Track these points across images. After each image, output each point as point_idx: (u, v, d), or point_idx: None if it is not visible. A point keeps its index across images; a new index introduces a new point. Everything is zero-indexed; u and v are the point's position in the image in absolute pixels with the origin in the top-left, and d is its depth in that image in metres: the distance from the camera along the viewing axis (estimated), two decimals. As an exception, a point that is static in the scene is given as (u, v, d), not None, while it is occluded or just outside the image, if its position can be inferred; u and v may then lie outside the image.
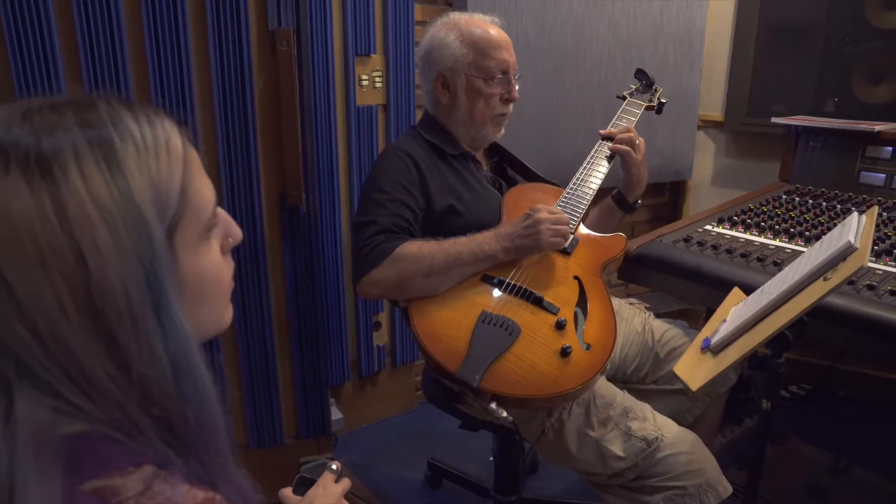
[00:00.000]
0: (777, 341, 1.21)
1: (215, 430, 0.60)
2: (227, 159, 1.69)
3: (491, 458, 1.75)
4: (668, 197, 2.88)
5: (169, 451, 0.55)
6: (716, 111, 2.66)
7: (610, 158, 1.62)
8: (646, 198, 2.82)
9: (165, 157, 0.57)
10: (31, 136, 0.52)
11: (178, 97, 1.60)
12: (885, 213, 1.81)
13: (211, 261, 0.64)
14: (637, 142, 1.59)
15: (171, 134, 0.59)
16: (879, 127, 1.97)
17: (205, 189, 0.63)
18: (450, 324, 1.31)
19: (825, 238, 1.28)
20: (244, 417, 1.92)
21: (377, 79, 2.06)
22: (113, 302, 0.52)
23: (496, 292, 1.37)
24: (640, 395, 1.62)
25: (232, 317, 0.71)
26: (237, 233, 0.69)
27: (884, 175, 1.99)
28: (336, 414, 2.24)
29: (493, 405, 1.22)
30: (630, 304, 1.74)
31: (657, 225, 1.85)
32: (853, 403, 2.51)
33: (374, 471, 2.19)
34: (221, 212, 0.67)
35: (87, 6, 1.47)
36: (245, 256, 1.77)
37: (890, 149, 1.98)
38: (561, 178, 1.70)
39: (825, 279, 1.09)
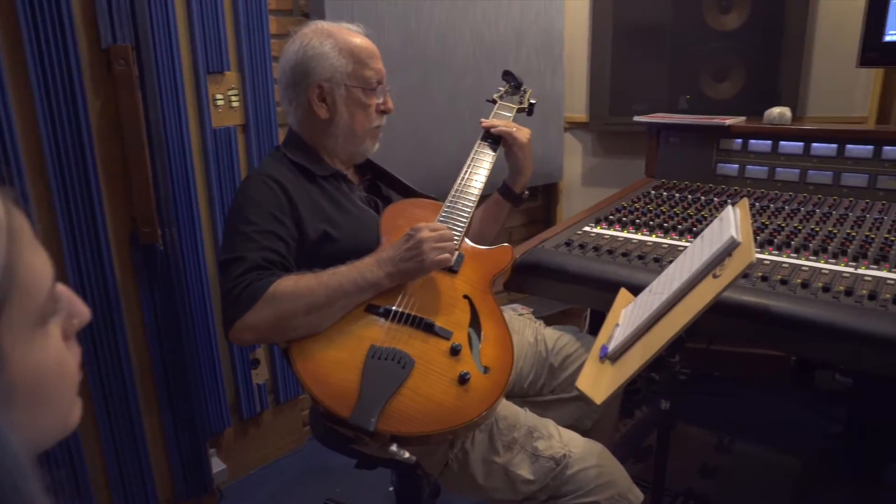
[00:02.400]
0: (673, 341, 1.22)
1: None
2: (64, 199, 1.48)
3: (391, 489, 1.66)
4: (541, 200, 2.92)
5: None
6: (580, 112, 2.72)
7: (493, 147, 1.59)
8: (520, 202, 2.88)
9: None
10: None
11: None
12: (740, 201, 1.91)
13: (50, 352, 0.50)
14: (515, 129, 1.59)
15: None
16: (730, 121, 2.08)
17: (38, 265, 0.49)
18: (337, 364, 1.20)
19: (705, 233, 1.30)
20: (108, 489, 1.69)
21: (233, 98, 1.90)
22: None
23: (384, 323, 1.27)
24: (539, 406, 1.59)
25: (81, 414, 0.57)
26: (83, 312, 0.55)
27: (737, 165, 2.10)
28: (218, 465, 2.05)
29: (394, 447, 1.12)
30: (519, 315, 1.71)
31: (533, 229, 1.85)
32: (729, 381, 2.65)
33: (267, 520, 2.03)
34: (63, 289, 0.53)
35: None
36: (94, 307, 1.56)
37: (740, 141, 2.10)
38: (436, 189, 1.63)
39: (714, 276, 1.10)
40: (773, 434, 2.33)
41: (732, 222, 1.18)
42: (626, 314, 1.32)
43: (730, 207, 1.27)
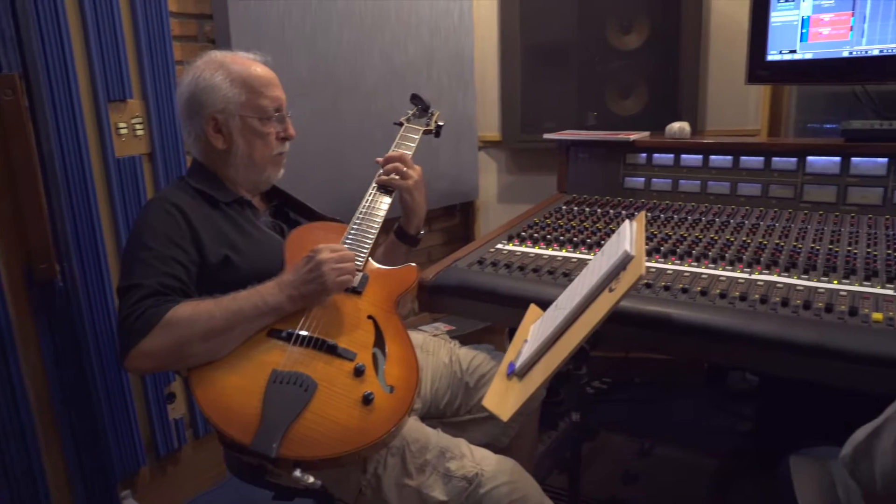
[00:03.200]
0: (576, 355, 1.25)
1: None
2: (-50, 235, 1.41)
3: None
4: (459, 218, 2.96)
5: None
6: (493, 131, 2.78)
7: (388, 194, 1.58)
8: (438, 221, 2.90)
9: None
10: None
11: None
12: (648, 214, 1.99)
13: None
14: (405, 170, 1.57)
15: None
16: (634, 136, 2.17)
17: None
18: (238, 390, 1.19)
19: (605, 247, 1.35)
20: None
21: (137, 126, 1.85)
22: None
23: (286, 346, 1.26)
24: (457, 427, 1.61)
25: None
26: None
27: (643, 179, 2.19)
28: (133, 506, 1.97)
29: (298, 472, 1.11)
30: (434, 335, 1.72)
31: (453, 247, 1.87)
32: (649, 387, 2.74)
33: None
34: None
35: None
36: (-12, 347, 1.49)
37: (644, 155, 2.19)
38: (349, 211, 1.63)
39: (610, 290, 1.14)
40: (691, 436, 2.42)
41: (628, 236, 1.23)
42: (534, 330, 1.34)
43: (627, 222, 1.32)
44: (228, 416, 1.16)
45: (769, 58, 2.03)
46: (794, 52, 1.99)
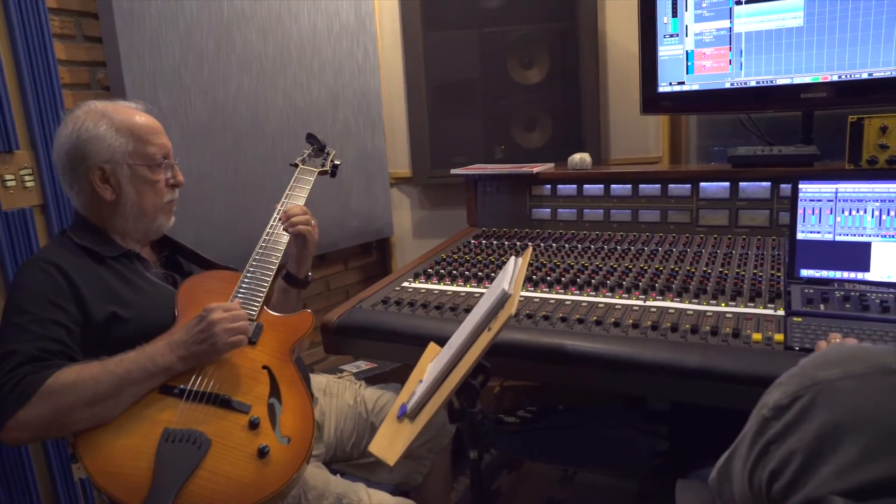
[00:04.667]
0: (466, 393, 1.26)
1: None
2: None
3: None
4: (375, 255, 2.96)
5: None
6: (404, 167, 2.81)
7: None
8: (355, 259, 2.90)
9: None
10: None
11: None
12: (553, 244, 2.04)
13: None
14: (313, 222, 1.57)
15: None
16: (537, 168, 2.23)
17: None
18: (127, 452, 1.16)
19: (492, 284, 1.37)
20: None
21: (27, 177, 1.79)
22: None
23: (178, 403, 1.23)
24: (366, 469, 1.59)
25: None
26: None
27: (549, 209, 2.25)
28: (36, 575, 1.86)
29: None
30: (339, 378, 1.71)
31: (371, 284, 1.87)
32: (572, 412, 2.78)
33: None
34: None
35: None
36: None
37: (549, 186, 2.25)
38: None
39: (489, 329, 1.16)
40: (613, 458, 2.46)
41: (509, 274, 1.26)
42: (430, 370, 1.35)
43: (512, 259, 1.35)
44: (117, 481, 1.13)
45: (660, 89, 2.12)
46: (682, 83, 2.09)
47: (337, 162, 1.76)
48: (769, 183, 1.96)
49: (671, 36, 2.08)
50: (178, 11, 1.97)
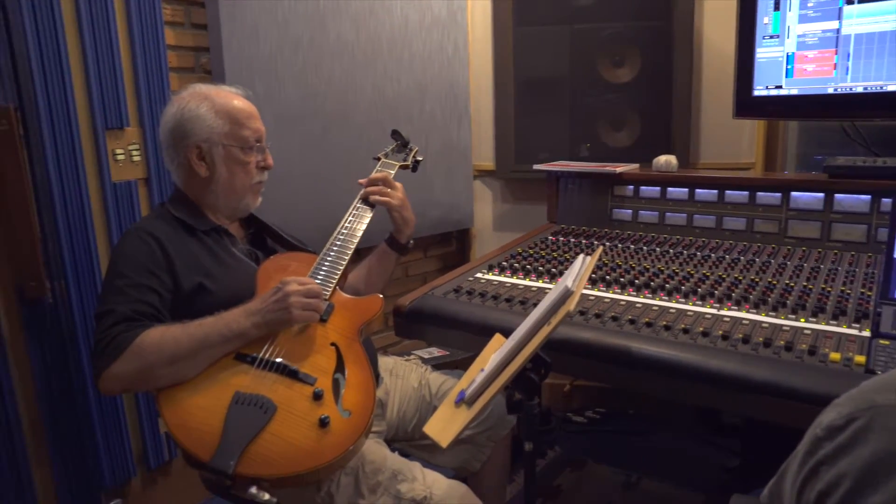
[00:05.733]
0: (524, 385, 1.28)
1: None
2: (-54, 254, 1.50)
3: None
4: (455, 245, 3.00)
5: None
6: (487, 160, 2.83)
7: (371, 208, 1.65)
8: (435, 247, 2.95)
9: None
10: None
11: None
12: (632, 246, 2.01)
13: None
14: (389, 190, 1.64)
15: None
16: (620, 168, 2.19)
17: None
18: (201, 410, 1.25)
19: (560, 280, 1.38)
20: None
21: (134, 152, 1.95)
22: None
23: (250, 370, 1.32)
24: (426, 450, 1.64)
25: None
26: None
27: (630, 210, 2.21)
28: (122, 515, 2.04)
29: (254, 489, 1.16)
30: (406, 360, 1.76)
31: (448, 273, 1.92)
32: (641, 419, 2.73)
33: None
34: None
35: None
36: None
37: (631, 187, 2.21)
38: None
39: (549, 324, 1.17)
40: (680, 470, 2.40)
41: (575, 271, 1.26)
42: (492, 359, 1.38)
43: (581, 256, 1.35)
44: (191, 435, 1.22)
45: (756, 93, 2.04)
46: (780, 87, 2.01)
47: (419, 158, 1.81)
48: (869, 196, 1.85)
49: (771, 37, 1.99)
50: (276, 2, 2.08)
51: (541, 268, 1.84)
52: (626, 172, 2.20)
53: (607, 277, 1.71)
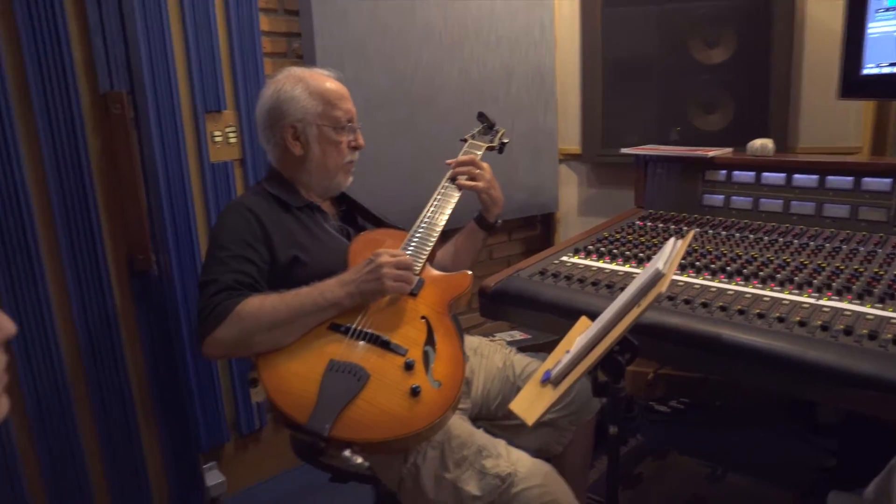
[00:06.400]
0: (611, 367, 1.26)
1: None
2: (67, 229, 1.63)
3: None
4: (539, 229, 2.99)
5: None
6: (574, 144, 2.79)
7: (458, 189, 1.67)
8: (518, 231, 2.95)
9: None
10: None
11: (3, 166, 1.53)
12: (723, 232, 1.94)
13: None
14: (477, 171, 1.65)
15: None
16: (713, 153, 2.12)
17: None
18: (297, 375, 1.30)
19: (648, 265, 1.35)
20: (109, 493, 1.81)
21: (231, 134, 2.04)
22: None
23: (344, 339, 1.36)
24: (508, 431, 1.65)
25: (5, 411, 0.67)
26: (8, 327, 0.67)
27: (722, 196, 2.13)
28: (217, 477, 2.16)
29: (347, 452, 1.21)
30: (491, 340, 1.77)
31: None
32: (727, 412, 2.64)
33: (259, 535, 2.12)
34: None
35: None
36: (95, 326, 1.70)
37: (724, 172, 2.13)
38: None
39: (638, 306, 1.15)
40: (770, 467, 2.31)
41: (666, 254, 1.23)
42: (578, 341, 1.37)
43: (672, 239, 1.32)
44: (287, 398, 1.27)
45: (865, 71, 1.92)
46: (894, 65, 1.88)
47: (505, 140, 1.81)
48: None
49: (887, 10, 1.86)
50: (366, -11, 2.12)
51: (627, 252, 1.80)
52: (719, 157, 2.13)
53: (697, 263, 1.66)
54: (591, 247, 1.88)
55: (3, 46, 1.49)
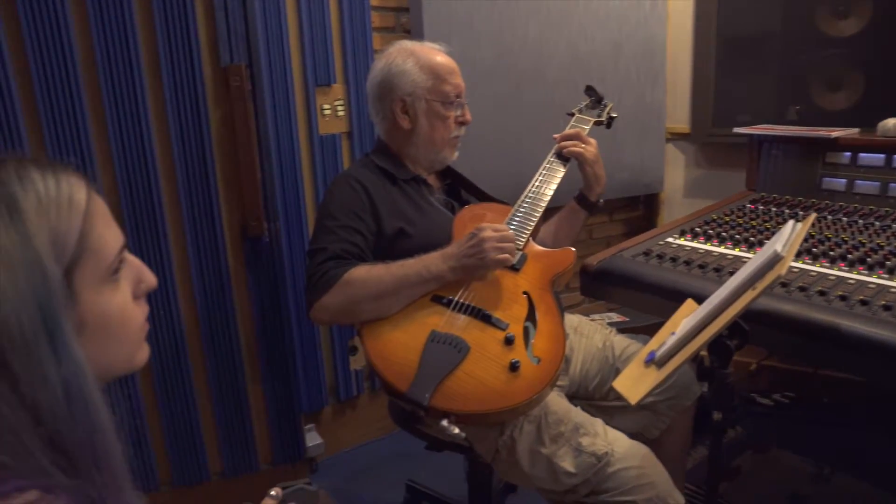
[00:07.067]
0: (719, 351, 1.22)
1: (108, 453, 0.62)
2: (188, 194, 1.73)
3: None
4: (642, 210, 2.90)
5: (58, 473, 0.57)
6: (682, 123, 2.69)
7: (564, 163, 1.65)
8: (620, 212, 2.88)
9: (66, 207, 0.62)
10: None
11: (135, 134, 1.64)
12: (844, 218, 1.82)
13: (116, 301, 0.67)
14: (583, 146, 1.63)
15: (74, 188, 0.64)
16: (836, 133, 1.98)
17: (108, 235, 0.67)
18: (400, 345, 1.33)
19: (765, 247, 1.29)
20: (218, 446, 1.93)
21: (339, 107, 2.10)
22: (7, 331, 0.56)
23: (445, 311, 1.38)
24: (605, 411, 1.63)
25: (147, 358, 0.74)
26: (150, 279, 0.73)
27: (844, 180, 1.99)
28: (315, 439, 2.26)
29: (445, 422, 1.23)
30: (591, 320, 1.75)
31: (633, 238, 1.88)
32: (836, 409, 2.50)
33: (353, 495, 2.19)
34: (132, 258, 0.71)
35: (42, 53, 1.52)
36: (211, 287, 1.81)
37: (848, 154, 1.99)
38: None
39: (753, 289, 1.11)
40: (883, 469, 2.18)
41: (785, 236, 1.17)
42: (684, 324, 1.33)
43: (791, 222, 1.26)
44: (391, 366, 1.31)
45: None
46: None
47: (613, 115, 1.77)
48: None
49: None
50: (474, -37, 2.11)
51: (738, 236, 1.73)
52: (844, 137, 1.99)
53: (814, 250, 1.57)
54: (697, 229, 1.82)
55: (138, 24, 1.60)
